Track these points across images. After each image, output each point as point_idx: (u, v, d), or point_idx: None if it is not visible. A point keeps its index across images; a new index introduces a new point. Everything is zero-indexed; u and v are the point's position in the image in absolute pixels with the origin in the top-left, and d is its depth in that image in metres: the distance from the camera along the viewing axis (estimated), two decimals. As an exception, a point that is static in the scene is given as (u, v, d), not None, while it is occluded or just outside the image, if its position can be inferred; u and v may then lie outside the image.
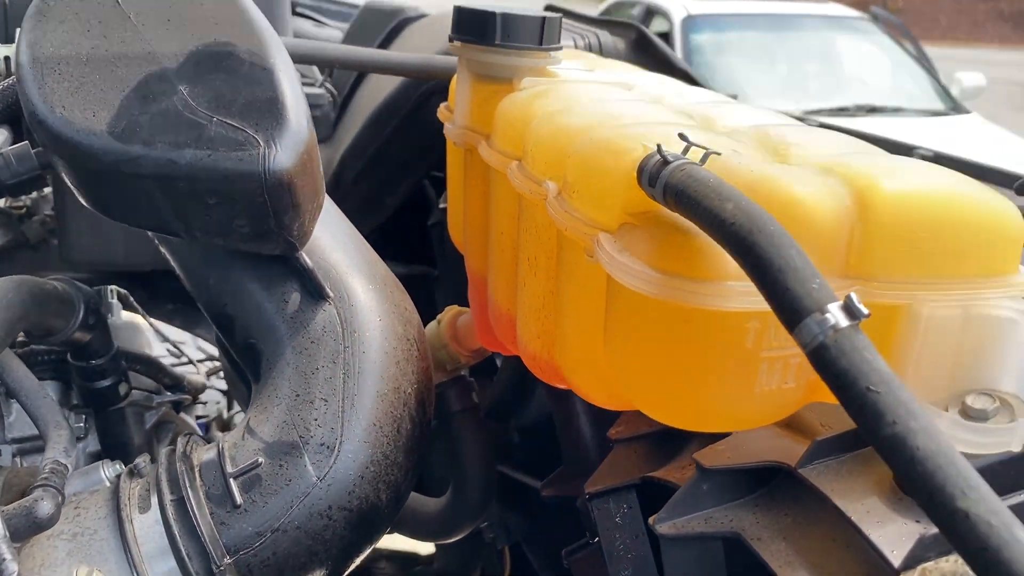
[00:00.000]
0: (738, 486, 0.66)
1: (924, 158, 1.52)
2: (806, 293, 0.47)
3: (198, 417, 1.38)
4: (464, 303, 1.09)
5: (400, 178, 1.75)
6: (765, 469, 0.65)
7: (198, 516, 0.75)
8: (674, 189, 0.56)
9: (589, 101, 0.80)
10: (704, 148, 0.59)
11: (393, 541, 1.97)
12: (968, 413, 0.56)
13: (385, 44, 1.74)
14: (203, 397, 1.40)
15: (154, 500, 0.78)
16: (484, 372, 1.41)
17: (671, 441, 0.82)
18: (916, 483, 0.43)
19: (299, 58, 1.18)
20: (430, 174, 1.84)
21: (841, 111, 6.19)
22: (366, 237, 1.46)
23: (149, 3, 0.80)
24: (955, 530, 0.42)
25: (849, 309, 0.46)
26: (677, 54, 6.61)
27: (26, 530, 0.72)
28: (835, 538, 0.59)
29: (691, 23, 6.76)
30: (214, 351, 1.77)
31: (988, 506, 0.41)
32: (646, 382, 0.63)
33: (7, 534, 0.68)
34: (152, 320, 1.40)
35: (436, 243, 1.61)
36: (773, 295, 0.48)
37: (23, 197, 1.88)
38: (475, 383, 1.16)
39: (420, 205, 1.88)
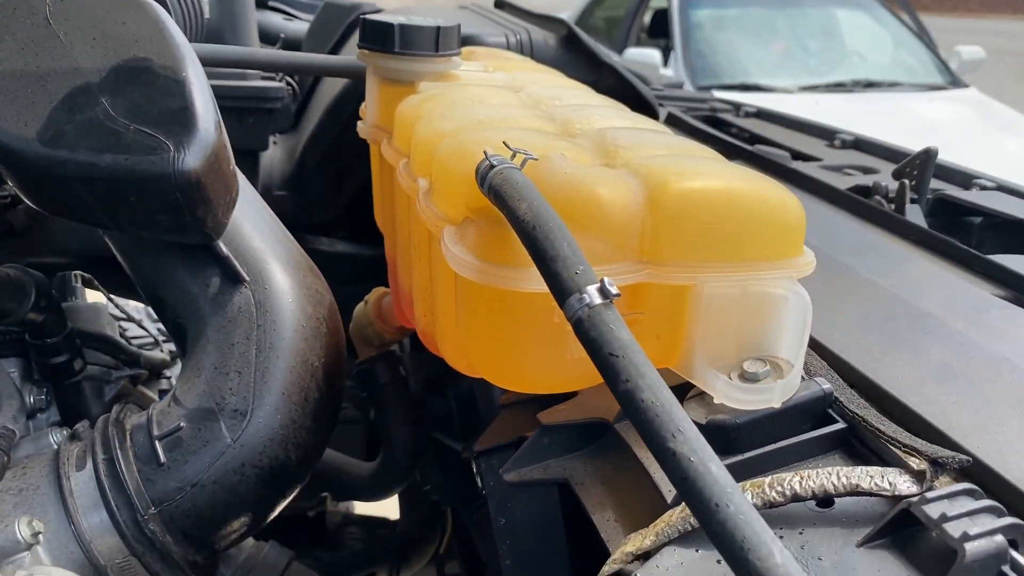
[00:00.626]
0: (574, 440, 0.76)
1: (844, 142, 1.62)
2: (570, 277, 0.57)
3: (163, 391, 1.49)
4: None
5: (357, 163, 1.85)
6: (597, 425, 0.75)
7: (125, 473, 0.87)
8: (493, 190, 0.66)
9: (465, 107, 0.90)
10: (526, 154, 0.69)
11: (361, 508, 2.09)
12: (744, 376, 0.67)
13: (343, 39, 1.84)
14: (166, 383, 1.51)
15: (89, 459, 0.89)
16: (423, 347, 1.52)
17: (549, 405, 0.92)
18: (641, 428, 0.53)
19: (221, 63, 1.28)
20: None
21: (838, 86, 6.24)
22: (332, 220, 1.57)
23: (77, 23, 0.90)
24: (667, 464, 0.52)
25: (603, 290, 0.57)
26: (675, 31, 6.62)
27: (-26, 485, 0.84)
28: (636, 482, 0.69)
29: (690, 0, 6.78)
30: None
31: (691, 446, 0.52)
32: (482, 353, 0.73)
33: (-46, 486, 0.80)
34: (118, 301, 1.51)
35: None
36: (547, 278, 0.58)
37: (6, 187, 1.99)
38: (403, 358, 1.26)
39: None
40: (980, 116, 5.93)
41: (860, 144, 1.60)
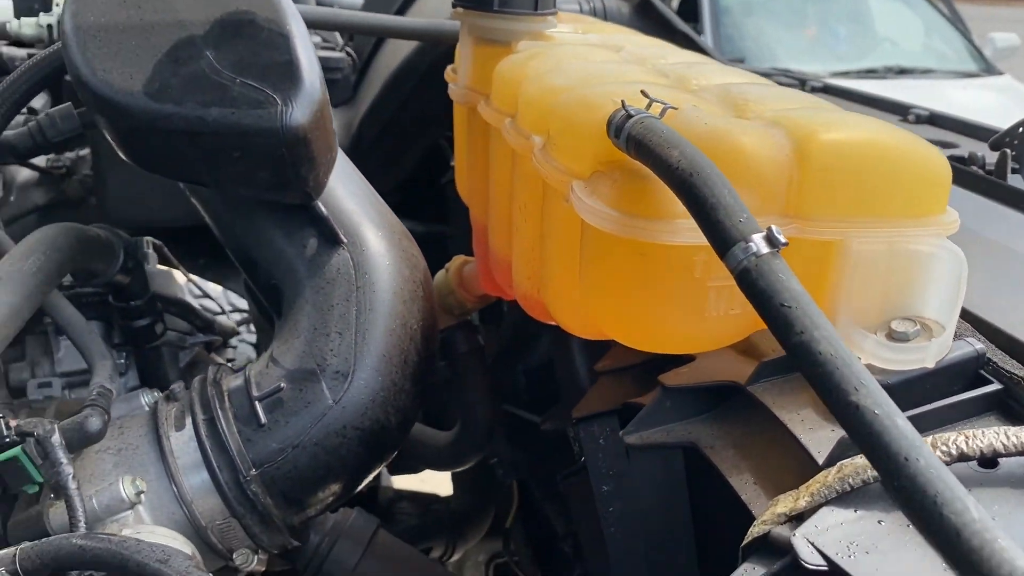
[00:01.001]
0: (697, 404, 0.74)
1: (919, 117, 1.58)
2: (733, 225, 0.55)
3: (228, 361, 1.48)
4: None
5: (416, 138, 1.83)
6: (721, 388, 0.73)
7: (227, 433, 0.85)
8: (634, 140, 0.64)
9: (575, 63, 0.88)
10: (664, 104, 0.67)
11: (412, 483, 2.09)
12: (892, 335, 0.65)
13: (402, 10, 1.81)
14: (232, 352, 1.51)
15: (188, 420, 0.88)
16: (492, 320, 1.51)
17: (651, 372, 0.90)
18: (818, 382, 0.51)
19: (314, 24, 1.26)
20: (445, 135, 1.92)
21: (870, 73, 6.15)
22: (385, 195, 1.55)
23: (179, -24, 0.89)
24: (848, 420, 0.50)
25: (770, 239, 0.55)
26: (705, 14, 6.56)
27: (78, 442, 0.83)
28: (775, 444, 0.67)
29: (720, -19, 6.71)
30: (242, 304, 1.88)
31: (875, 399, 0.50)
32: (613, 311, 0.71)
33: (64, 442, 0.79)
34: (184, 270, 1.50)
35: (450, 200, 1.69)
36: (707, 227, 0.56)
37: (63, 157, 1.99)
38: (481, 327, 1.25)
39: (436, 164, 1.96)
40: (1015, 103, 5.83)
41: (935, 119, 1.56)
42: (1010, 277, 0.78)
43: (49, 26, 1.41)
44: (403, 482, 2.09)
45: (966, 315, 0.71)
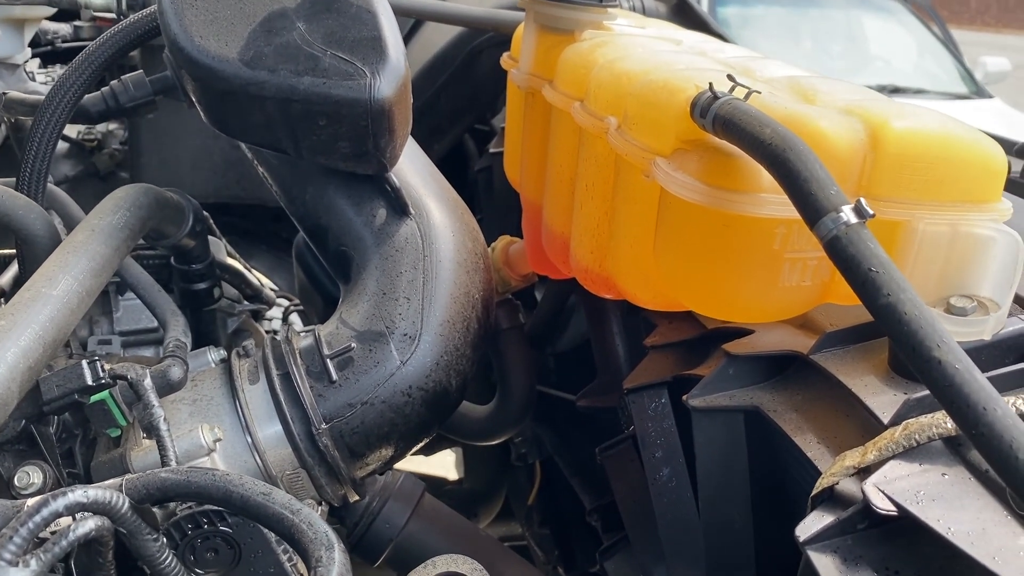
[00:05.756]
0: (759, 372, 0.80)
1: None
2: (825, 197, 0.60)
3: (267, 332, 1.52)
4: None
5: (447, 127, 1.88)
6: (782, 357, 0.79)
7: (301, 387, 0.90)
8: (722, 119, 0.69)
9: (643, 51, 0.93)
10: (747, 88, 0.72)
11: (422, 466, 2.13)
12: (951, 310, 0.70)
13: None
14: (267, 324, 1.54)
15: (262, 374, 0.92)
16: (525, 305, 1.55)
17: (699, 348, 0.95)
18: (902, 339, 0.57)
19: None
20: (473, 128, 1.97)
21: (863, 90, 6.25)
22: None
23: (272, -50, 0.93)
24: (930, 373, 0.56)
25: (859, 210, 0.60)
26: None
27: (161, 390, 0.87)
28: (838, 409, 0.73)
29: (718, -5, 6.80)
30: (266, 282, 1.91)
31: (955, 355, 0.55)
32: (690, 280, 0.76)
33: (154, 386, 0.83)
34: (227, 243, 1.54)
35: (482, 188, 1.74)
36: (799, 198, 0.61)
37: (95, 131, 2.02)
38: (521, 306, 1.29)
39: (461, 157, 2.01)
40: (1005, 127, 5.95)
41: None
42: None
43: (119, -6, 1.45)
44: (412, 466, 2.14)
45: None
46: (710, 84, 0.71)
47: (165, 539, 0.70)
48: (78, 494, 0.61)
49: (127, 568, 0.71)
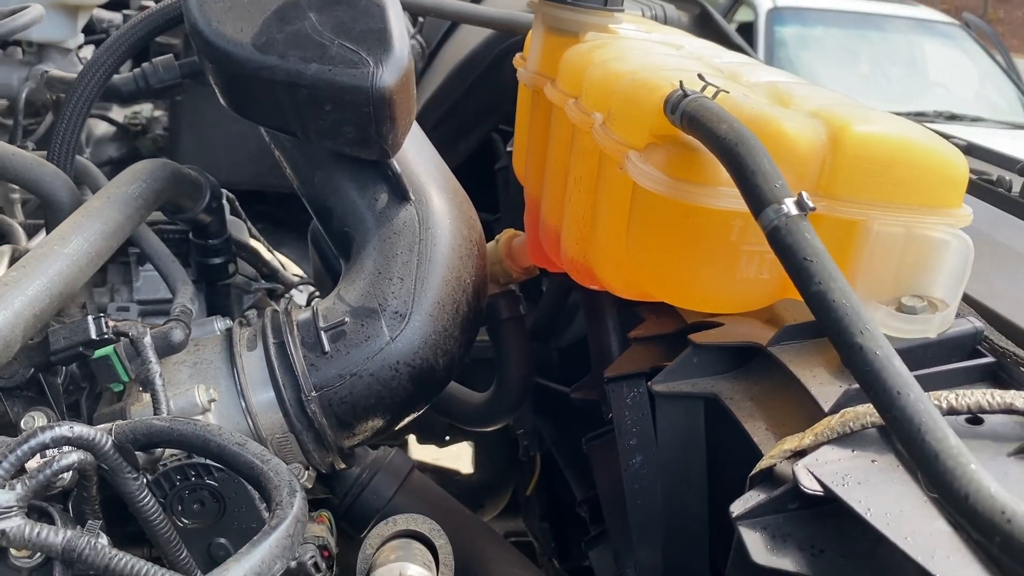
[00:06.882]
0: (722, 362, 0.83)
1: (956, 146, 1.65)
2: (770, 189, 0.64)
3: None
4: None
5: (474, 127, 1.93)
6: (744, 349, 0.82)
7: (294, 356, 0.95)
8: (687, 115, 0.72)
9: (638, 54, 0.97)
10: (717, 88, 0.75)
11: (435, 459, 2.18)
12: (901, 308, 0.73)
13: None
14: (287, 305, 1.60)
15: (259, 343, 0.97)
16: (530, 298, 1.59)
17: (680, 342, 0.98)
18: (829, 325, 0.60)
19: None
20: (499, 127, 2.02)
21: (919, 116, 6.16)
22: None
23: (290, -57, 0.99)
24: (852, 358, 0.59)
25: (800, 203, 0.63)
26: (760, 46, 6.61)
27: (162, 350, 0.92)
28: (790, 399, 0.75)
29: (777, 15, 6.75)
30: (294, 269, 1.99)
31: (876, 343, 0.58)
32: (656, 268, 0.80)
33: (154, 345, 0.89)
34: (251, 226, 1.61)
35: (501, 187, 1.79)
36: (746, 190, 0.65)
37: (140, 116, 2.12)
38: (522, 297, 1.34)
39: (487, 155, 2.06)
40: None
41: (971, 149, 1.63)
42: (1012, 272, 0.85)
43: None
44: (425, 458, 2.19)
45: (971, 301, 0.79)
46: (680, 82, 0.75)
47: (146, 480, 0.75)
48: (64, 429, 0.67)
49: (119, 519, 0.77)
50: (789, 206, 0.63)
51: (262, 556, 0.60)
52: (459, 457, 2.37)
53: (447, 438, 2.01)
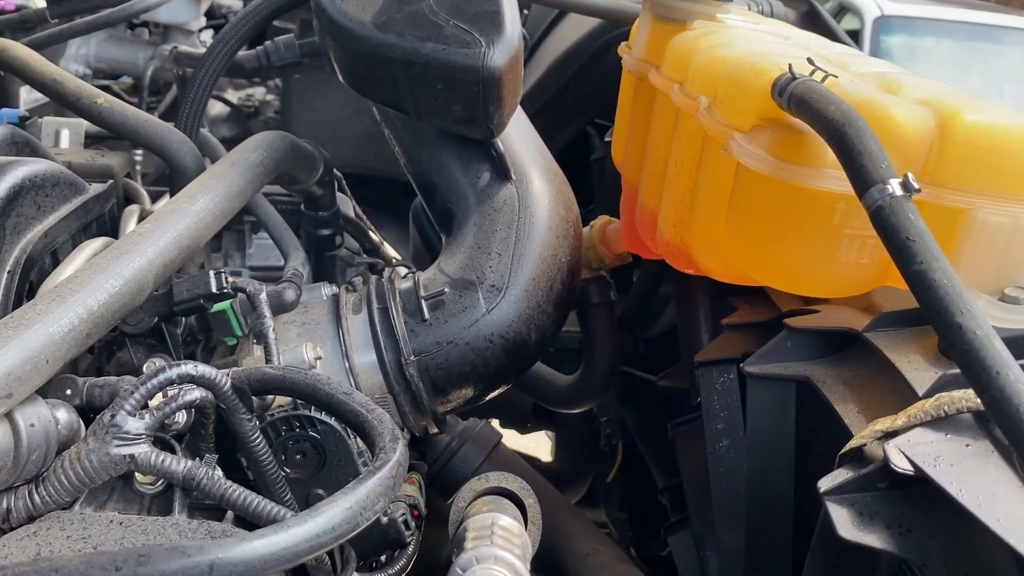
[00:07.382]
0: (816, 347, 0.83)
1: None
2: (875, 169, 0.64)
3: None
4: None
5: (571, 119, 1.95)
6: (839, 334, 0.82)
7: (396, 321, 0.99)
8: (795, 97, 0.73)
9: (745, 41, 0.98)
10: (825, 72, 0.76)
11: (515, 445, 2.21)
12: (1004, 298, 0.72)
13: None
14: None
15: (364, 308, 1.02)
16: (621, 289, 1.61)
17: (773, 329, 0.99)
18: (929, 305, 0.60)
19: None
20: (595, 121, 2.04)
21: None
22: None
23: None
24: (951, 337, 0.59)
25: (905, 184, 0.64)
26: (866, 53, 6.45)
27: (275, 308, 0.98)
28: (883, 384, 0.76)
29: (884, 24, 6.54)
30: (392, 252, 2.05)
31: (976, 322, 0.58)
32: (756, 250, 0.81)
33: (269, 302, 0.94)
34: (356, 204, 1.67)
35: (596, 178, 1.81)
36: (851, 169, 0.66)
37: (253, 98, 2.21)
38: (613, 284, 1.36)
39: (582, 148, 2.08)
40: None
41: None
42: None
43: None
44: (505, 441, 2.22)
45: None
46: (789, 66, 0.76)
47: (258, 423, 0.80)
48: (189, 367, 0.72)
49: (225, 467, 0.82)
50: (894, 186, 0.63)
51: (367, 491, 0.64)
52: (539, 446, 2.40)
53: (528, 425, 2.04)
